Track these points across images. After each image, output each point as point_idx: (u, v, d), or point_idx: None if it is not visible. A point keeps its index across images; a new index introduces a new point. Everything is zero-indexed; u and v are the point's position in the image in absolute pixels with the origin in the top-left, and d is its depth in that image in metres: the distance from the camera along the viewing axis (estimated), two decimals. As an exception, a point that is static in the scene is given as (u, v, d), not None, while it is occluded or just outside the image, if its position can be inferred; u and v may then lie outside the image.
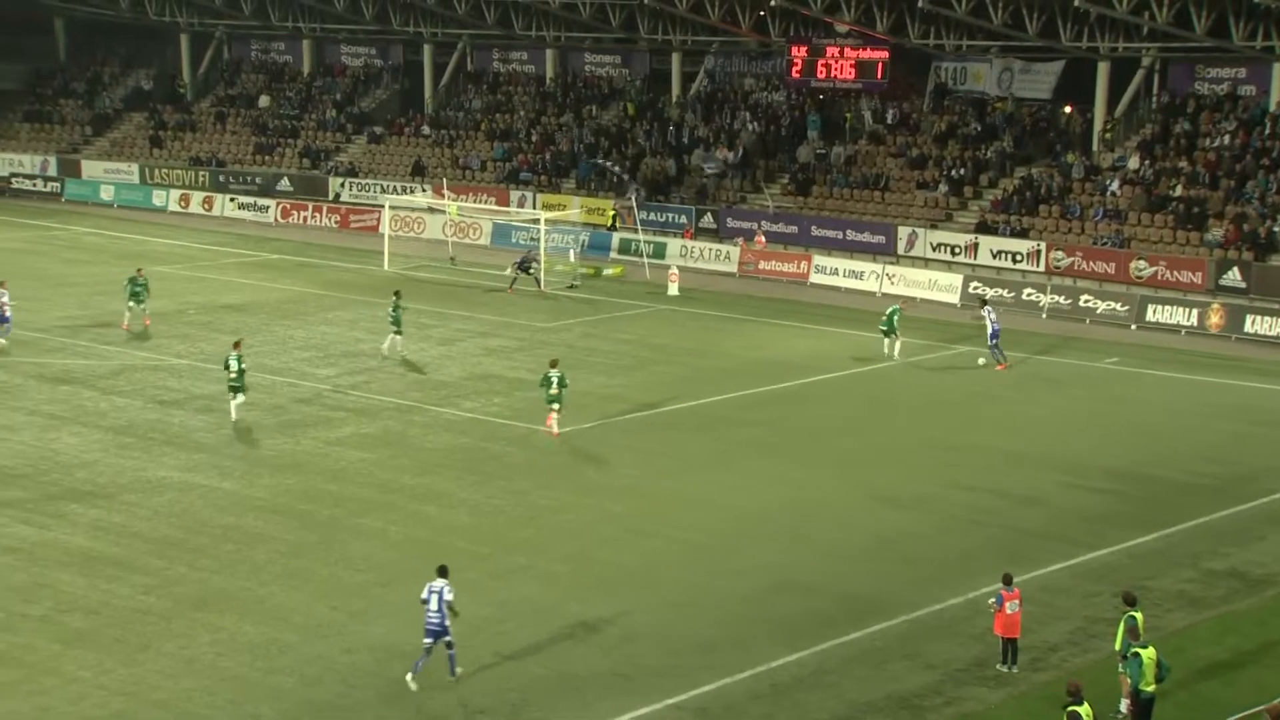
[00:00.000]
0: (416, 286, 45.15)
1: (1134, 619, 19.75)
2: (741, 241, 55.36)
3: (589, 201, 60.10)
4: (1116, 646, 19.89)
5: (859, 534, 26.80)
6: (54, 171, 72.65)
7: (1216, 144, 51.44)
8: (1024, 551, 25.69)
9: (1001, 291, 48.64)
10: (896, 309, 41.03)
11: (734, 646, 21.66)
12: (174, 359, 38.78)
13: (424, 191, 62.36)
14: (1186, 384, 39.29)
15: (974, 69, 58.62)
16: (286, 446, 31.23)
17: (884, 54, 57.07)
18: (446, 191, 59.90)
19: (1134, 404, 37.07)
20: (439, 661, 20.42)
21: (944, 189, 55.30)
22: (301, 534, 25.93)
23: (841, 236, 54.75)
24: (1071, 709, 17.47)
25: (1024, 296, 48.45)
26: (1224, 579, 25.01)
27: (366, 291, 49.08)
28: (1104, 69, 54.34)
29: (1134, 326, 46.07)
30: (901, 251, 53.23)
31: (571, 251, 54.13)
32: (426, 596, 20.37)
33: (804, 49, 58.54)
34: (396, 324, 39.07)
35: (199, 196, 67.90)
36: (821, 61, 58.09)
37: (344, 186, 66.79)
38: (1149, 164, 52.04)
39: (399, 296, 39.64)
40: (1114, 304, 47.01)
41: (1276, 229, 47.47)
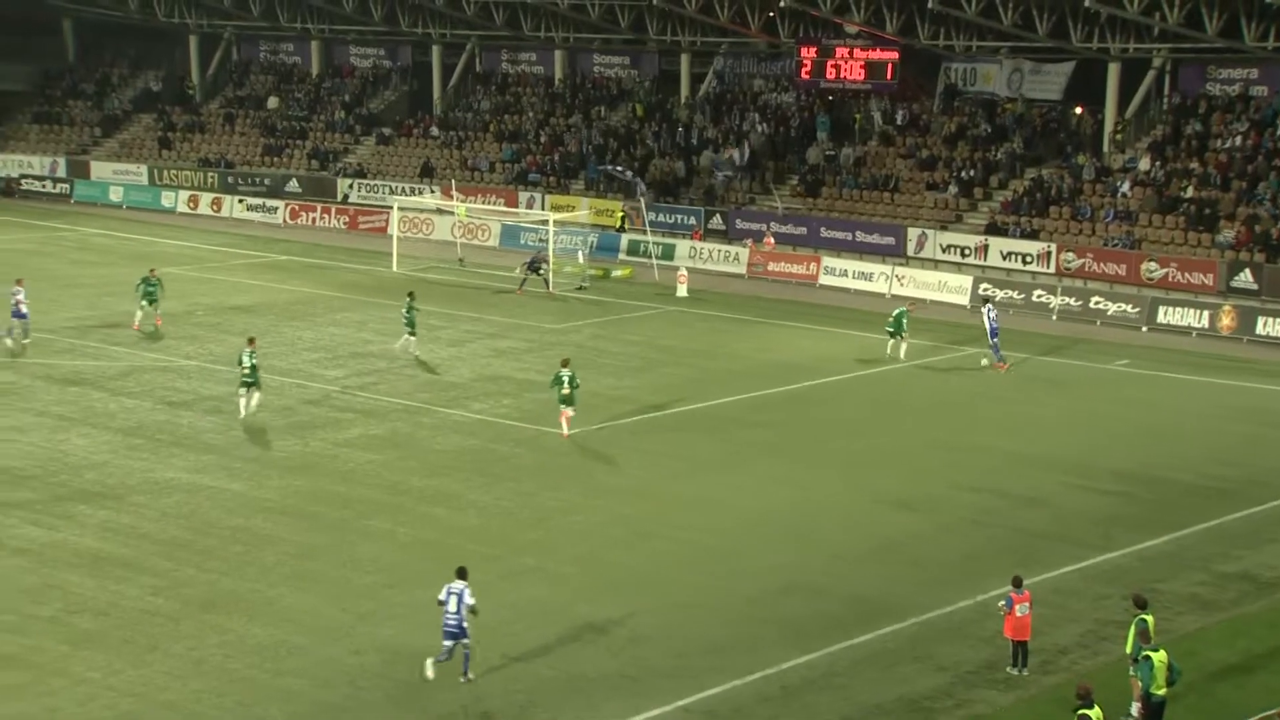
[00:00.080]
0: (425, 288, 45.14)
1: (1145, 622, 19.67)
2: (750, 243, 55.29)
3: (597, 203, 60.08)
4: (1127, 649, 19.82)
5: (868, 536, 26.73)
6: (63, 173, 72.76)
7: (1228, 145, 51.29)
8: (1034, 554, 25.61)
9: (1012, 293, 48.57)
10: (904, 311, 40.96)
11: (742, 648, 21.60)
12: (183, 360, 38.80)
13: (432, 193, 62.36)
14: (1198, 386, 39.17)
15: (984, 70, 58.52)
16: (295, 448, 31.22)
17: (894, 55, 57.01)
18: (455, 193, 59.94)
19: (1145, 406, 36.96)
20: (453, 661, 20.38)
21: (954, 190, 55.20)
22: (310, 536, 25.91)
23: (851, 238, 54.66)
24: (1082, 712, 17.39)
25: (1034, 298, 48.34)
26: (1235, 582, 24.91)
27: (375, 293, 49.11)
28: (1114, 70, 54.20)
29: (1145, 328, 45.94)
30: (911, 253, 53.13)
31: (580, 253, 54.09)
32: (445, 598, 20.32)
33: (813, 50, 58.48)
34: (410, 325, 39.11)
35: (208, 198, 67.97)
36: (831, 62, 58.04)
37: (352, 188, 66.82)
38: (1160, 165, 51.89)
39: (412, 298, 39.72)
40: (1125, 306, 46.89)
41: (1288, 230, 47.37)
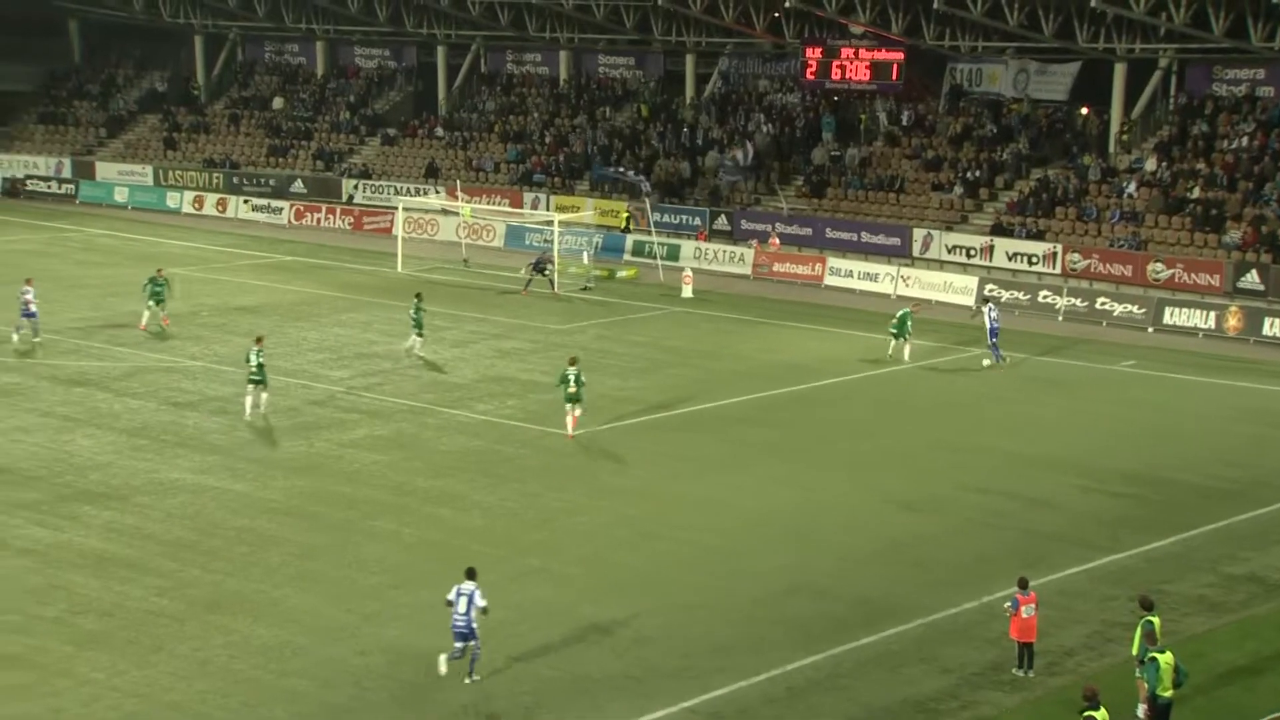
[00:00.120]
0: (430, 288, 45.15)
1: (1151, 623, 19.61)
2: (756, 243, 55.25)
3: (603, 203, 60.04)
4: (1134, 651, 19.75)
5: (873, 537, 26.68)
6: (68, 173, 72.86)
7: (1234, 145, 51.20)
8: (1040, 555, 25.55)
9: (1017, 294, 48.50)
10: (908, 312, 40.91)
11: (748, 649, 21.56)
12: (188, 361, 38.79)
13: (437, 193, 62.35)
14: (1204, 387, 39.09)
15: (989, 70, 58.43)
16: (300, 448, 31.21)
17: (899, 55, 56.94)
18: (460, 193, 59.92)
19: (1151, 407, 36.89)
20: (460, 661, 20.38)
21: (959, 191, 55.12)
22: (315, 536, 25.89)
23: (856, 239, 54.61)
24: (1088, 714, 17.32)
25: (1040, 299, 48.26)
26: (1243, 584, 24.84)
27: (380, 293, 49.11)
28: (1121, 70, 54.11)
29: (1151, 329, 45.86)
30: (917, 254, 53.06)
31: (585, 253, 54.06)
32: (454, 598, 20.29)
33: (819, 50, 58.42)
34: (418, 325, 39.14)
35: (213, 198, 68.02)
36: (836, 63, 57.98)
37: (357, 188, 66.84)
38: (1166, 166, 51.80)
39: (420, 299, 39.76)
40: (1131, 306, 46.81)
41: (1294, 231, 47.28)
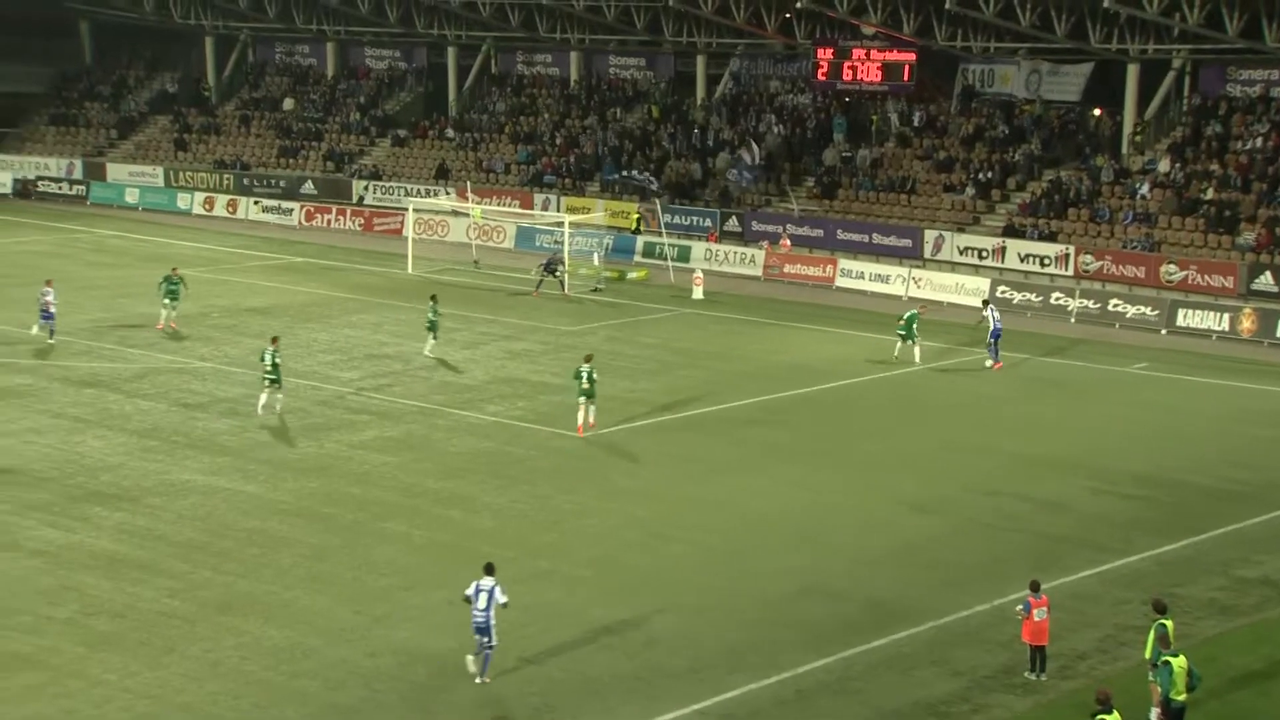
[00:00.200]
0: (440, 290, 45.13)
1: (1164, 627, 19.53)
2: (766, 245, 55.18)
3: (613, 205, 60.01)
4: (1147, 655, 19.66)
5: (884, 539, 26.61)
6: (79, 174, 72.96)
7: (1248, 146, 51.04)
8: (1052, 557, 25.47)
9: (1030, 295, 48.41)
10: (915, 313, 40.87)
11: (758, 651, 21.51)
12: (198, 362, 38.83)
13: (448, 194, 62.36)
14: (1218, 389, 38.96)
15: (1002, 71, 58.31)
16: (310, 450, 31.21)
17: (911, 56, 56.86)
18: (470, 195, 59.93)
19: (1164, 409, 36.77)
20: (467, 659, 20.39)
21: (971, 192, 55.01)
22: (325, 538, 25.88)
23: (867, 240, 54.53)
24: (1100, 718, 17.25)
25: (1052, 300, 48.16)
26: (1256, 587, 24.72)
27: (390, 295, 49.14)
28: (1134, 71, 53.96)
29: (1164, 331, 45.72)
30: (928, 255, 52.96)
31: (596, 255, 54.03)
32: (474, 594, 20.36)
33: (830, 51, 58.35)
34: (432, 327, 39.16)
35: (223, 199, 68.10)
36: (847, 64, 57.90)
37: (368, 189, 66.88)
38: (1180, 167, 51.64)
39: (436, 300, 39.82)
40: (1144, 308, 46.67)
41: (1307, 232, 47.12)
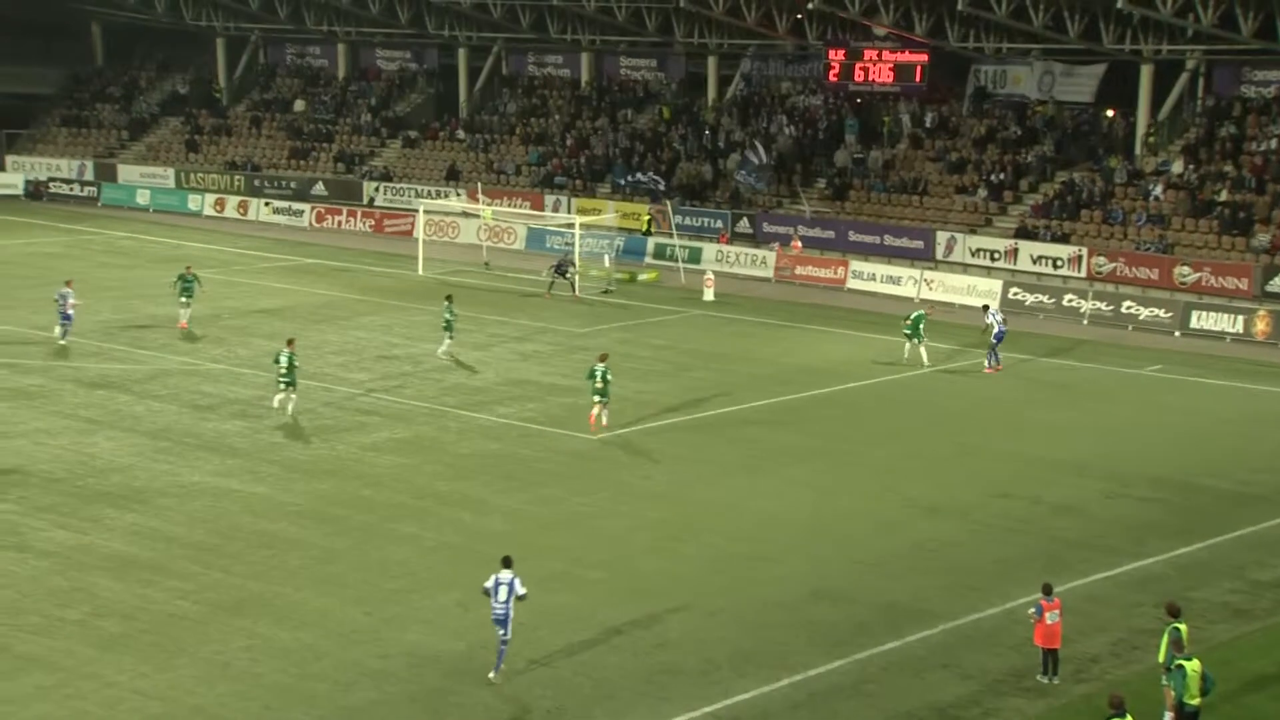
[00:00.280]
0: (451, 291, 45.10)
1: (1178, 630, 19.41)
2: (778, 246, 55.09)
3: (624, 206, 59.96)
4: (1160, 659, 19.55)
5: (895, 541, 26.52)
6: (90, 176, 73.13)
7: (1263, 148, 50.87)
8: (1064, 560, 25.36)
9: (1042, 297, 48.30)
10: (922, 314, 40.78)
11: (770, 654, 21.44)
12: (209, 363, 38.84)
13: (458, 196, 62.39)
14: (1231, 392, 38.80)
15: (1014, 72, 58.19)
16: (320, 451, 31.20)
17: (923, 57, 56.74)
18: (481, 196, 59.93)
19: (1177, 412, 36.63)
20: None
21: (983, 194, 54.88)
22: (335, 539, 25.86)
23: (879, 241, 54.43)
24: (1115, 722, 17.18)
25: (1065, 303, 48.02)
26: (1271, 590, 24.59)
27: (401, 296, 49.14)
28: (1147, 72, 53.80)
29: (1178, 333, 45.55)
30: (940, 257, 52.86)
31: (606, 256, 53.99)
32: (493, 587, 20.45)
33: (841, 52, 58.25)
34: (448, 327, 39.19)
35: (234, 201, 68.19)
36: (859, 65, 57.79)
37: (378, 191, 66.92)
38: (1193, 168, 51.47)
39: (451, 300, 39.85)
40: (1157, 310, 46.51)
41: (1321, 234, 46.93)
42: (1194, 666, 18.62)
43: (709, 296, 50.01)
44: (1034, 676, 20.81)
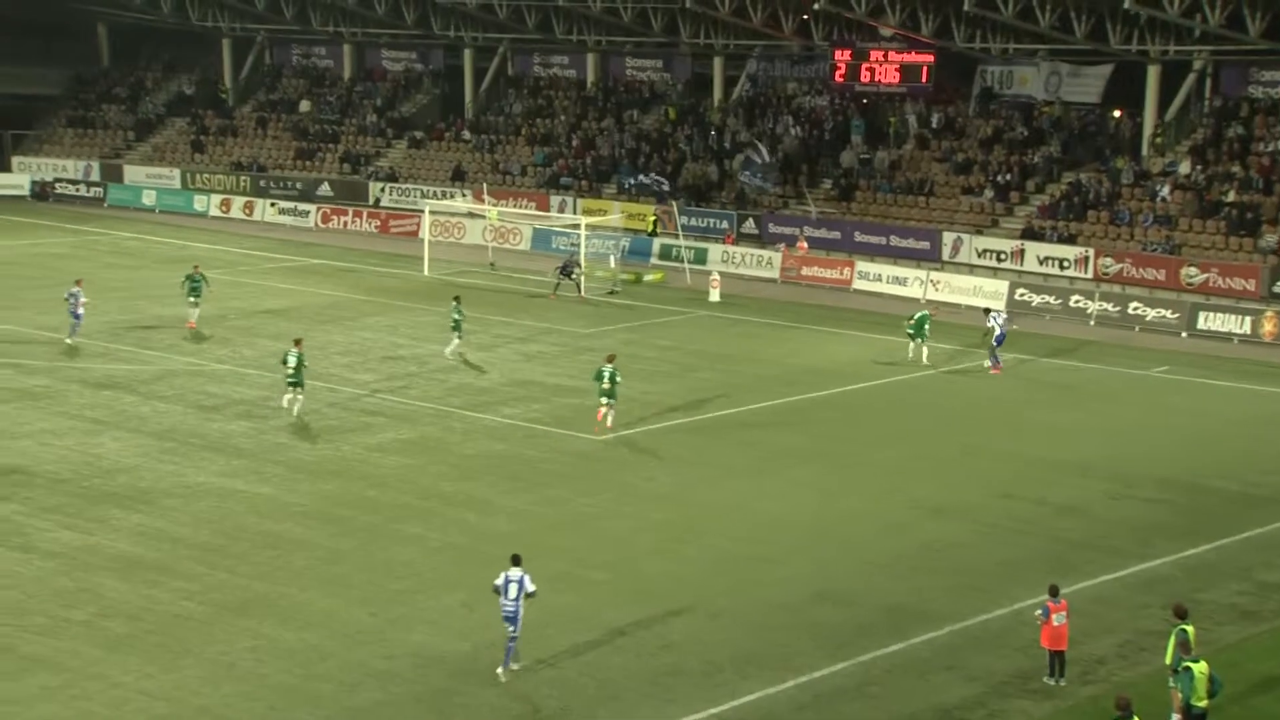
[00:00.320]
0: (457, 292, 45.09)
1: (1185, 632, 19.35)
2: (784, 247, 55.03)
3: (630, 207, 59.93)
4: (1167, 660, 19.48)
5: (900, 543, 26.46)
6: (96, 176, 73.19)
7: (1270, 148, 50.76)
8: (1071, 562, 25.29)
9: (1049, 298, 48.22)
10: (926, 314, 40.76)
11: (775, 656, 21.40)
12: (215, 364, 38.85)
13: (464, 196, 62.39)
14: (1239, 393, 38.72)
15: (1021, 73, 58.10)
16: (326, 452, 31.20)
17: (929, 58, 56.70)
18: (487, 196, 59.92)
19: (1185, 413, 36.55)
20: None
21: (990, 194, 54.79)
22: (341, 540, 25.84)
23: (885, 242, 54.36)
24: (1121, 724, 17.13)
25: (1072, 303, 47.94)
26: (1278, 592, 24.52)
27: (406, 297, 49.14)
28: (1154, 72, 53.69)
29: (1185, 334, 45.46)
30: (946, 258, 52.79)
31: (612, 257, 53.95)
32: (503, 585, 20.48)
33: (848, 53, 58.20)
34: (456, 327, 39.19)
35: (240, 201, 68.23)
36: (865, 65, 57.75)
37: (384, 191, 66.94)
38: (1200, 169, 51.37)
39: (459, 300, 39.83)
40: (1164, 311, 46.41)
41: (1328, 235, 46.82)
42: (1201, 668, 18.56)
43: (714, 297, 49.96)
44: (1039, 678, 20.76)
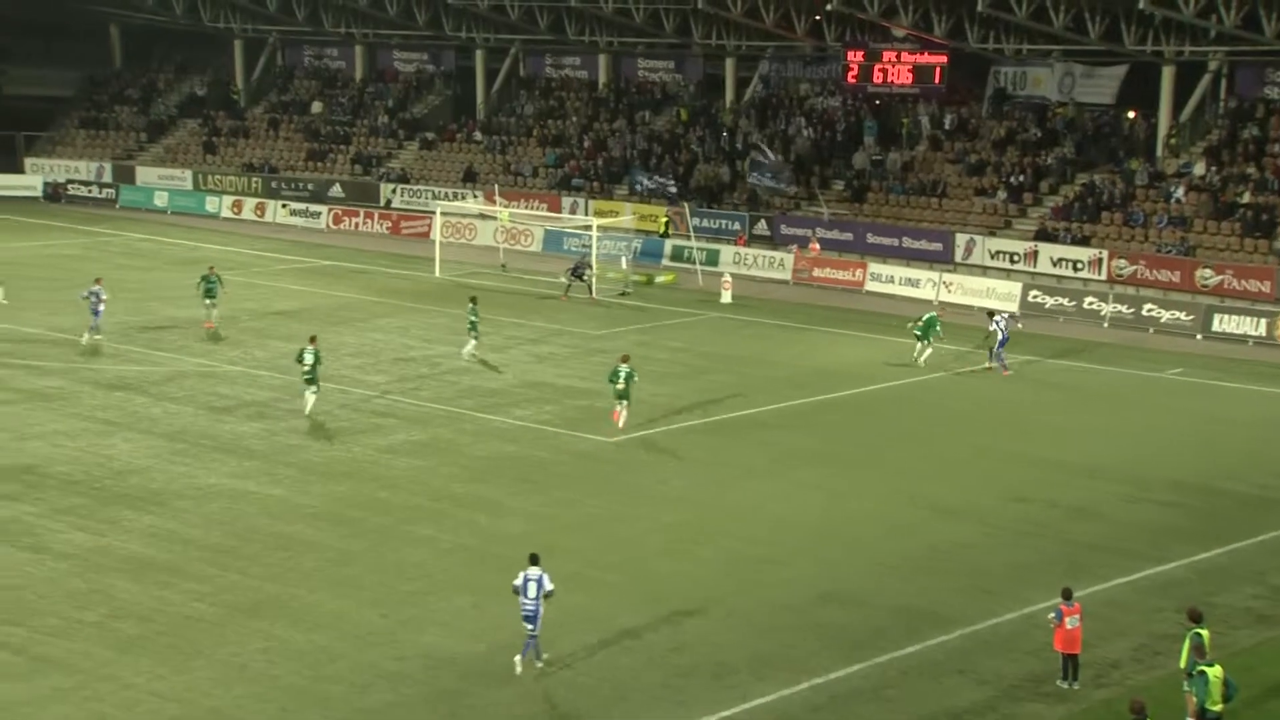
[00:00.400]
0: (468, 293, 45.07)
1: (1200, 636, 19.24)
2: (795, 249, 54.94)
3: (641, 208, 59.86)
4: (1181, 664, 19.39)
5: (912, 545, 26.37)
6: (109, 178, 73.31)
7: (1285, 150, 50.61)
8: (1084, 565, 25.19)
9: (1062, 300, 48.07)
10: (934, 316, 40.68)
11: (786, 658, 21.34)
12: (226, 365, 38.88)
13: (475, 198, 62.39)
14: (1254, 395, 38.55)
15: (1034, 74, 57.95)
16: (337, 454, 31.19)
17: (942, 58, 56.52)
18: (498, 198, 59.91)
19: (1199, 416, 36.41)
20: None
21: (1003, 196, 54.65)
22: (352, 542, 25.83)
23: (898, 244, 54.26)
24: (1136, 728, 17.04)
25: (1085, 305, 47.80)
26: (1293, 595, 24.43)
27: (418, 298, 49.14)
28: (1169, 73, 53.51)
29: (1199, 336, 45.29)
30: (959, 259, 52.67)
31: (623, 258, 53.92)
32: (522, 584, 20.57)
33: (860, 53, 58.06)
34: (473, 329, 39.18)
35: (251, 203, 68.31)
36: (878, 66, 57.58)
37: (396, 193, 66.97)
38: (1215, 170, 51.19)
39: (475, 302, 39.83)
40: (1179, 313, 46.23)
41: (1343, 236, 46.62)
42: (1216, 672, 18.46)
43: (726, 299, 49.90)
44: (1052, 681, 20.68)
